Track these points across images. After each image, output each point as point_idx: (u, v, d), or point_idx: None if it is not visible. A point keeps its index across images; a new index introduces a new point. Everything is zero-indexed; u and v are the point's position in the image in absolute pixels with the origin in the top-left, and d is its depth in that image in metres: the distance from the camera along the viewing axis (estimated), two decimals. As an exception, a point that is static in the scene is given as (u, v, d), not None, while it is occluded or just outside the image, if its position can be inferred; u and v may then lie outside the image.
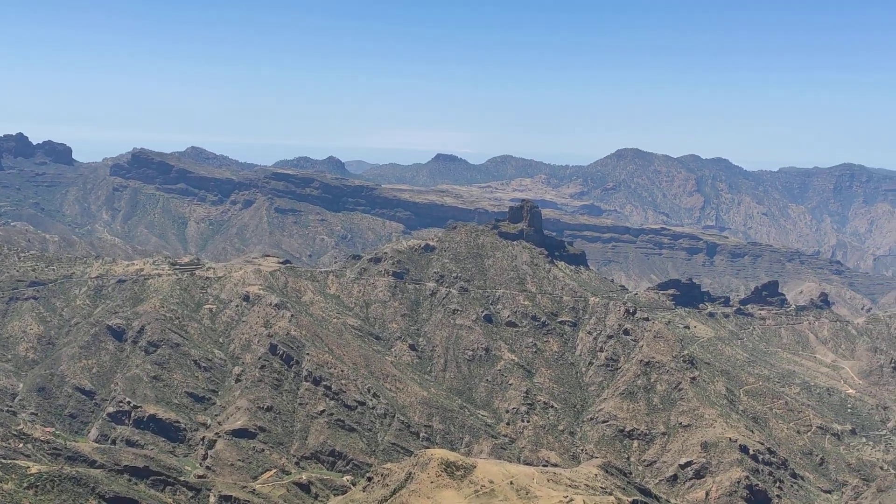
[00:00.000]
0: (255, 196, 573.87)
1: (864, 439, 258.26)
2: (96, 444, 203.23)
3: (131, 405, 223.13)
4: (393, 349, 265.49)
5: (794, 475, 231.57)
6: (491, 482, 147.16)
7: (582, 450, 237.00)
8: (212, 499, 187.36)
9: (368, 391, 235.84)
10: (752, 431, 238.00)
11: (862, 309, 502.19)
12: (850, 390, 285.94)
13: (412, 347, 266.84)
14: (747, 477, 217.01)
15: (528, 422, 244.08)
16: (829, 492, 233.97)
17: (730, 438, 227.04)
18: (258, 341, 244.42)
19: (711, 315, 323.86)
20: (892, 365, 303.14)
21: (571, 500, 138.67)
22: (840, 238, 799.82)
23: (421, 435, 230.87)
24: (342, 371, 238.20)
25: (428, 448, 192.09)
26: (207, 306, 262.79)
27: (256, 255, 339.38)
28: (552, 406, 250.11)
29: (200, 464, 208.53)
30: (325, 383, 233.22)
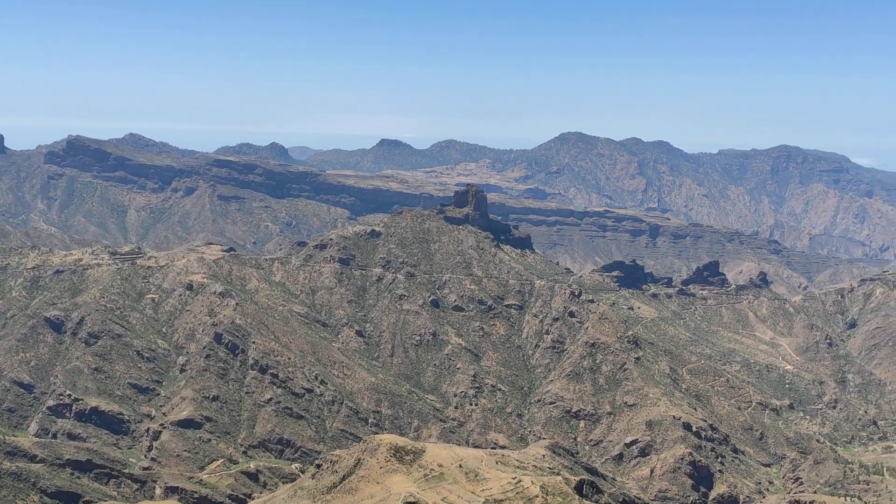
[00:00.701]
0: (196, 183, 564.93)
1: (801, 414, 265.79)
2: (36, 439, 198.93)
3: (72, 398, 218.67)
4: (340, 336, 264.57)
5: (735, 450, 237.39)
6: (440, 466, 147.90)
7: (530, 431, 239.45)
8: (158, 490, 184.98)
9: (316, 378, 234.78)
10: (695, 409, 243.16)
11: (799, 287, 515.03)
12: (788, 366, 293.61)
13: (359, 334, 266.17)
14: (690, 453, 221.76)
15: (476, 405, 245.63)
16: (768, 465, 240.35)
17: (673, 416, 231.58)
18: (203, 330, 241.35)
19: (655, 296, 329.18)
20: (828, 341, 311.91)
21: (520, 481, 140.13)
22: (777, 218, 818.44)
23: (370, 421, 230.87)
24: (289, 359, 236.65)
25: (377, 434, 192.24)
26: (150, 296, 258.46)
27: (199, 244, 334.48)
28: (500, 389, 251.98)
29: (145, 456, 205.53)
30: (271, 371, 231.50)
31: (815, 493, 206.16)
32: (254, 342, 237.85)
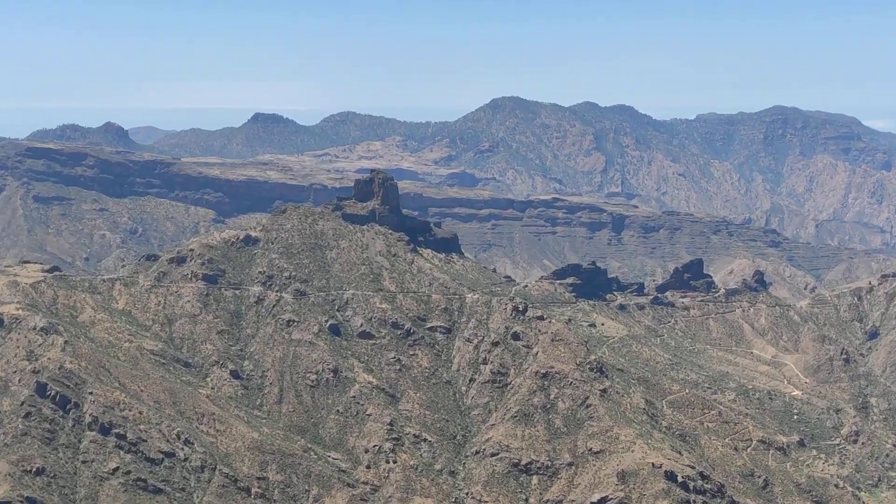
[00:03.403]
0: (3, 181, 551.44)
1: (814, 452, 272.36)
2: None
3: None
4: (209, 378, 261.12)
5: (733, 503, 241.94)
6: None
7: (467, 493, 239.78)
8: None
9: (178, 437, 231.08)
10: (680, 453, 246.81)
11: (805, 289, 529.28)
12: (796, 391, 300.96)
13: (235, 375, 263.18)
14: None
15: (394, 462, 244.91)
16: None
17: (653, 464, 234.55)
18: (20, 380, 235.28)
19: (622, 308, 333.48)
20: (844, 357, 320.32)
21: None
22: (775, 201, 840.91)
23: (253, 491, 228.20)
24: (140, 413, 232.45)
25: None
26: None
27: (11, 263, 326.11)
28: (425, 440, 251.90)
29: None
30: (117, 431, 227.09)
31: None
32: (91, 393, 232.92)
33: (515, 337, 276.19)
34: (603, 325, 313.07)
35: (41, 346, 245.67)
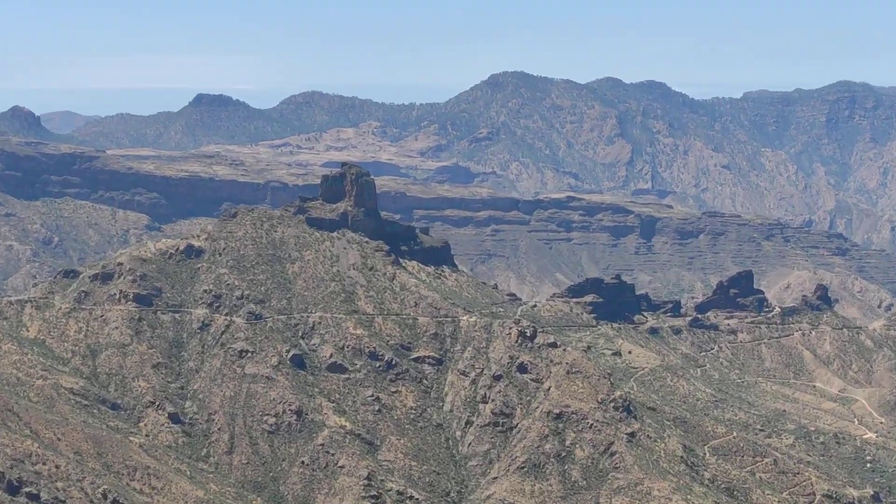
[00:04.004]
0: None
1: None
2: None
3: None
4: (143, 423, 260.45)
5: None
6: None
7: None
8: None
9: (104, 497, 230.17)
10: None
11: (879, 306, 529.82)
12: (869, 434, 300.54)
13: (174, 419, 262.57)
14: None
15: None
16: None
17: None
18: None
19: (654, 332, 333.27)
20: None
21: None
22: (841, 198, 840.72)
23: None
24: (57, 467, 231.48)
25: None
26: None
27: None
28: (411, 497, 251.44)
29: None
30: (28, 490, 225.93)
31: None
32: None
33: (522, 369, 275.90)
34: (630, 353, 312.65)
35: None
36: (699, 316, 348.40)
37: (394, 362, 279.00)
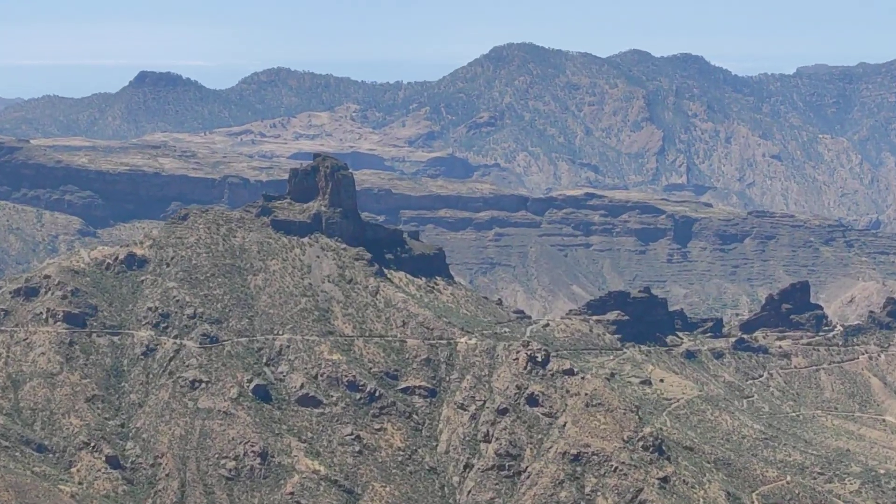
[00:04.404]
0: None
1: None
2: None
3: None
4: (75, 469, 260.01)
5: None
6: None
7: None
8: None
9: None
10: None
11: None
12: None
13: (113, 463, 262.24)
14: None
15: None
16: None
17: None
18: None
19: (691, 356, 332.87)
20: None
21: None
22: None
23: None
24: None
25: None
26: None
27: None
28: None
29: None
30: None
31: None
32: None
33: (532, 401, 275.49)
34: (663, 381, 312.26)
35: None
36: (745, 336, 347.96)
37: (378, 394, 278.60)
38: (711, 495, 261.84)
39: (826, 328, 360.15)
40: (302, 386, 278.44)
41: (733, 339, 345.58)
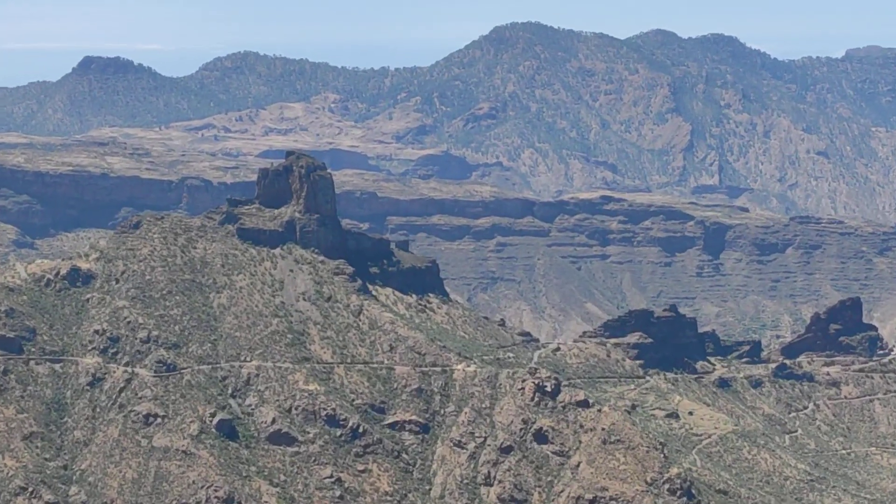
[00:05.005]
0: None
1: None
2: None
3: None
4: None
5: None
6: None
7: None
8: None
9: None
10: None
11: None
12: None
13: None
14: None
15: None
16: None
17: None
18: None
19: (725, 384, 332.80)
20: None
21: None
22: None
23: None
24: None
25: None
26: None
27: None
28: None
29: None
30: None
31: None
32: None
33: (541, 438, 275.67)
34: (692, 414, 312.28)
35: None
36: (787, 362, 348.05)
37: (361, 430, 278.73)
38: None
39: (881, 352, 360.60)
40: (273, 421, 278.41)
41: (773, 366, 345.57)
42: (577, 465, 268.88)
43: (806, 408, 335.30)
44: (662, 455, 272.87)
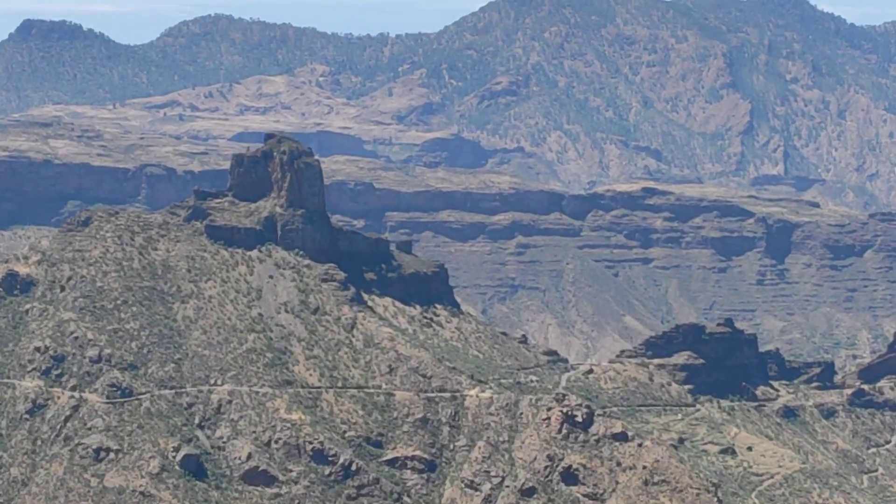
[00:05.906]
0: None
1: None
2: None
3: None
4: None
5: None
6: None
7: None
8: None
9: None
10: None
11: None
12: None
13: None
14: None
15: None
16: None
17: None
18: None
19: (791, 414, 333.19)
20: None
21: None
22: None
23: None
24: None
25: None
26: None
27: None
28: None
29: None
30: None
31: None
32: None
33: (570, 478, 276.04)
34: (751, 449, 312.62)
35: None
36: (866, 388, 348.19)
37: (355, 467, 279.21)
38: None
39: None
40: (249, 456, 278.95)
41: (850, 392, 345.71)
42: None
43: (888, 442, 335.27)
44: (716, 499, 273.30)
